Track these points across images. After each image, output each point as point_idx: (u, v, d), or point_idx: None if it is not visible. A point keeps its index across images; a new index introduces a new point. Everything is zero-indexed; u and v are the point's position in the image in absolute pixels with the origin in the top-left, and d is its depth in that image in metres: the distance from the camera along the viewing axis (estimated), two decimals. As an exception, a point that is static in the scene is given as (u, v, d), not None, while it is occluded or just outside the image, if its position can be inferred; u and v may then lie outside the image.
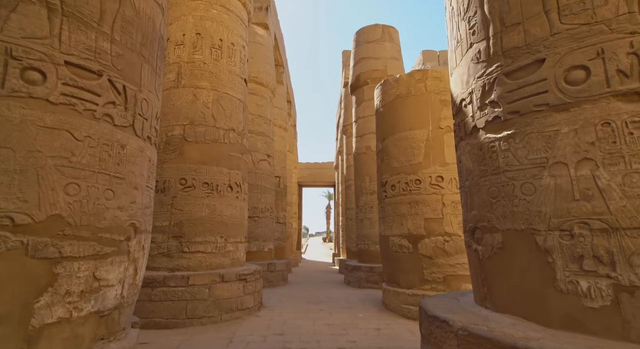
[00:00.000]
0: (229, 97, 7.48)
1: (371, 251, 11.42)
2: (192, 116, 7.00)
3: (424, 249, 6.59)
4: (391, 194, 7.28)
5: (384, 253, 7.49)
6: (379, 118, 8.00)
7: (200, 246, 6.51)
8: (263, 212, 11.72)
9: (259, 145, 12.05)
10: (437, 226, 6.60)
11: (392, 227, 7.17)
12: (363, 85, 12.68)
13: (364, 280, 10.80)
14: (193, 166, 6.78)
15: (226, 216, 6.95)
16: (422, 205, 6.77)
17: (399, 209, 7.07)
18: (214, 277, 6.20)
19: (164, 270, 6.31)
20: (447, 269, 6.41)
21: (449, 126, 7.09)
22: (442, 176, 6.81)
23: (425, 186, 6.83)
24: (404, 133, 7.25)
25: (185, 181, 6.69)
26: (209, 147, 7.00)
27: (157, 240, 6.44)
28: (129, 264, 2.92)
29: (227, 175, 7.12)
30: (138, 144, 3.05)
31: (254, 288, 6.97)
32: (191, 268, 6.37)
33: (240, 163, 7.55)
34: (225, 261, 6.81)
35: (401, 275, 6.86)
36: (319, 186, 35.64)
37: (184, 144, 6.86)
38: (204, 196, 6.73)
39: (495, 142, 2.72)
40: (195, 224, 6.56)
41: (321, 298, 8.74)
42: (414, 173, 6.97)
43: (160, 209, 6.58)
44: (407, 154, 7.14)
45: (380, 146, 7.82)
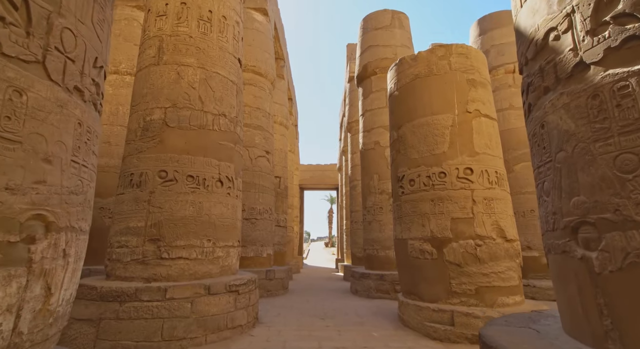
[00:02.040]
0: (220, 78, 6.42)
1: (380, 257, 10.30)
2: (175, 97, 5.94)
3: (451, 255, 5.49)
4: (409, 190, 6.19)
5: (401, 259, 6.38)
6: (394, 103, 6.92)
7: (182, 251, 5.42)
8: (261, 213, 10.63)
9: (256, 140, 10.99)
10: (466, 228, 5.50)
11: (410, 229, 6.07)
12: (371, 75, 11.63)
13: (373, 289, 9.68)
14: (175, 156, 5.71)
15: (215, 215, 5.86)
16: (447, 202, 5.68)
17: (419, 207, 5.97)
18: (197, 289, 5.11)
19: (138, 280, 5.22)
20: (480, 279, 5.31)
21: (477, 109, 6.01)
22: (471, 167, 5.73)
23: (451, 179, 5.74)
24: (424, 119, 6.18)
25: (166, 173, 5.62)
26: (195, 134, 5.93)
27: (131, 244, 5.36)
28: (31, 280, 1.84)
29: (217, 167, 6.05)
30: (54, 94, 1.98)
31: (248, 300, 5.87)
32: (171, 278, 5.28)
33: (233, 154, 6.48)
34: (213, 269, 5.72)
35: (423, 286, 5.75)
36: (321, 188, 34.53)
37: (164, 130, 5.80)
38: (188, 192, 5.65)
39: (629, 80, 1.64)
40: (177, 225, 5.48)
41: (327, 311, 7.63)
42: (438, 165, 5.88)
43: (134, 207, 5.51)
44: (428, 142, 6.06)
45: (396, 135, 6.74)
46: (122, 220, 5.57)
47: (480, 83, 6.20)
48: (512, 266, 5.48)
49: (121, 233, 5.50)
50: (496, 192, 5.72)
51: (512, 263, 5.50)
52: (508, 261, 5.46)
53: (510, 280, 5.40)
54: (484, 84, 6.26)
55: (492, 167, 5.82)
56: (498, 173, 5.86)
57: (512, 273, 5.45)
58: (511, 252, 5.53)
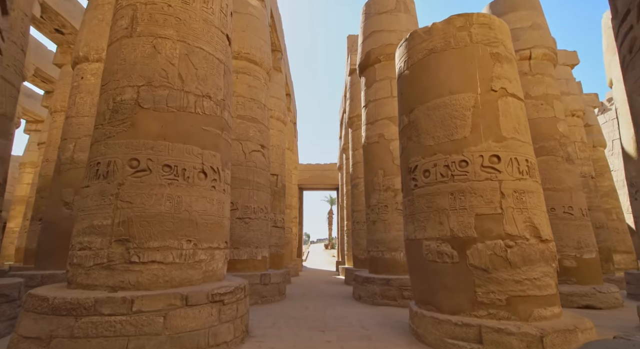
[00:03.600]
0: (204, 54, 5.56)
1: (386, 260, 9.42)
2: (150, 74, 5.08)
3: (476, 258, 4.62)
4: (424, 182, 5.32)
5: (414, 263, 5.51)
6: (404, 84, 6.06)
7: (156, 254, 4.54)
8: (256, 212, 9.75)
9: (251, 133, 10.13)
10: (494, 225, 4.64)
11: (425, 228, 5.20)
12: (374, 63, 10.77)
13: (378, 295, 8.80)
14: (149, 142, 4.85)
15: (197, 212, 5.00)
16: (470, 196, 4.81)
17: (436, 202, 5.11)
18: (172, 299, 4.23)
19: (102, 289, 4.34)
20: (512, 287, 4.44)
21: (504, 88, 5.16)
22: (497, 155, 4.87)
23: (474, 169, 4.88)
24: (441, 99, 5.32)
25: (138, 162, 4.75)
26: (174, 117, 5.07)
27: (94, 245, 4.49)
28: None
29: (199, 156, 5.19)
30: None
31: (235, 312, 4.99)
32: (142, 286, 4.41)
33: (219, 142, 5.61)
34: (194, 275, 4.84)
35: (442, 294, 4.88)
36: (321, 188, 33.65)
37: (137, 112, 4.93)
38: (165, 184, 4.78)
39: None
40: (150, 223, 4.60)
41: (327, 321, 6.75)
42: (458, 152, 5.02)
43: (100, 201, 4.64)
44: (446, 126, 5.20)
45: (406, 120, 5.88)
46: (85, 217, 4.70)
47: (506, 58, 5.35)
48: (549, 272, 4.62)
49: (84, 233, 4.63)
50: (528, 183, 4.86)
51: (549, 267, 4.64)
52: (544, 266, 4.59)
53: (547, 288, 4.53)
54: (509, 59, 5.41)
55: (522, 155, 4.96)
56: (529, 162, 5.01)
57: (548, 279, 4.58)
58: (547, 254, 4.66)
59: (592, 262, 8.92)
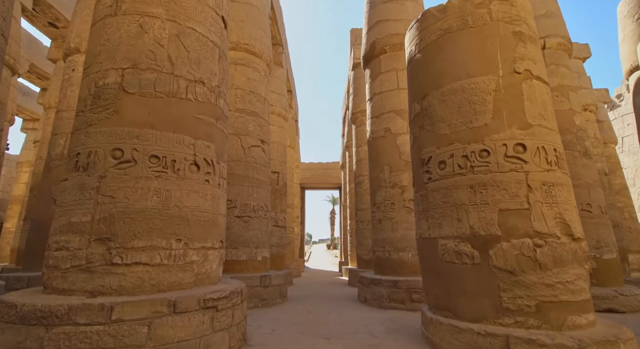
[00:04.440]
0: (196, 36, 5.08)
1: (393, 260, 8.91)
2: (136, 56, 4.59)
3: (501, 259, 4.11)
4: (439, 175, 4.82)
5: (428, 265, 5.00)
6: (415, 69, 5.56)
7: (141, 255, 4.05)
8: (256, 211, 9.26)
9: (250, 127, 9.64)
10: (520, 222, 4.13)
11: (441, 225, 4.69)
12: (380, 54, 10.26)
13: (385, 298, 8.29)
14: (135, 131, 4.36)
15: (188, 208, 4.51)
16: (493, 189, 4.30)
17: (453, 196, 4.60)
18: (158, 305, 3.73)
19: (80, 294, 3.86)
20: (542, 291, 3.92)
21: (528, 70, 4.65)
22: (523, 143, 4.35)
23: (497, 159, 4.37)
24: (457, 83, 4.81)
25: (122, 152, 4.26)
26: (162, 103, 4.58)
27: (71, 245, 4.00)
28: None
29: (191, 147, 4.70)
30: None
31: (231, 319, 4.50)
32: (125, 290, 3.92)
33: (214, 132, 5.13)
34: (184, 278, 4.35)
35: (461, 300, 4.37)
36: (323, 188, 33.14)
37: (121, 98, 4.44)
38: (152, 177, 4.29)
39: None
40: (135, 220, 4.11)
41: (332, 326, 6.25)
42: (478, 141, 4.52)
43: (79, 196, 4.16)
44: (464, 113, 4.70)
45: (418, 108, 5.38)
46: (63, 214, 4.22)
47: (529, 38, 4.84)
48: (582, 274, 4.10)
49: (61, 231, 4.14)
50: (557, 175, 4.34)
51: (582, 269, 4.12)
52: (577, 267, 4.07)
53: (580, 293, 4.02)
54: (533, 39, 4.90)
55: (549, 144, 4.44)
56: (557, 151, 4.49)
57: (582, 282, 4.07)
58: (579, 255, 4.15)
59: (613, 263, 8.39)
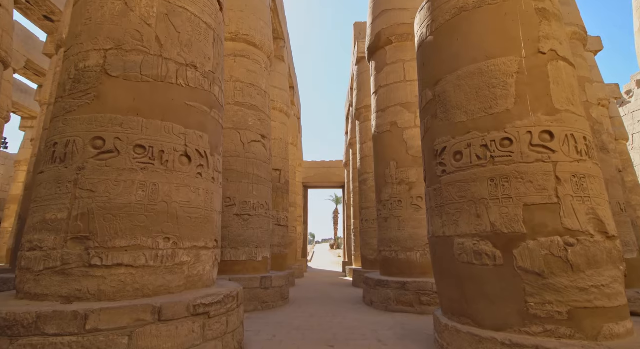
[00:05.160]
0: (188, 15, 4.65)
1: (400, 261, 8.46)
2: (121, 36, 4.16)
3: (527, 260, 3.65)
4: (454, 167, 4.37)
5: (443, 265, 4.55)
6: (427, 53, 5.11)
7: (124, 256, 3.63)
8: (256, 208, 8.83)
9: (250, 121, 9.21)
10: (549, 218, 3.67)
11: (458, 222, 4.24)
12: (385, 45, 9.81)
13: (392, 300, 7.85)
14: (118, 118, 3.93)
15: (178, 203, 4.08)
16: (517, 181, 3.85)
17: (471, 190, 4.14)
18: (141, 313, 3.31)
19: (54, 299, 3.44)
20: (575, 296, 3.47)
21: (554, 50, 4.19)
22: (550, 130, 3.89)
23: (520, 148, 3.91)
24: (475, 66, 4.36)
25: (103, 141, 3.84)
26: (149, 88, 4.16)
27: (45, 245, 3.58)
28: None
29: (182, 137, 4.27)
30: None
31: (225, 326, 4.07)
32: (105, 295, 3.49)
33: (208, 122, 4.70)
34: (173, 281, 3.92)
35: (481, 305, 3.92)
36: (326, 187, 32.69)
37: (103, 82, 4.02)
38: (137, 169, 3.87)
39: None
40: (117, 217, 3.69)
41: (337, 332, 5.81)
42: (499, 128, 4.06)
43: (55, 190, 3.74)
44: (482, 98, 4.24)
45: (430, 94, 4.93)
46: (37, 210, 3.80)
47: (554, 15, 4.38)
48: (618, 276, 3.64)
49: (35, 229, 3.72)
50: (588, 166, 3.88)
51: (617, 271, 3.66)
52: (612, 269, 3.61)
53: (617, 297, 3.56)
54: (557, 17, 4.44)
55: (579, 131, 3.98)
56: (587, 140, 4.03)
57: (618, 286, 3.61)
58: (615, 255, 3.69)
59: (634, 263, 7.90)
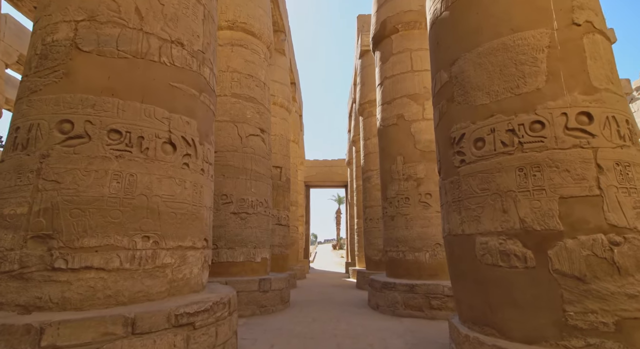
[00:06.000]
0: (174, -13, 4.14)
1: (408, 261, 7.94)
2: (94, 6, 3.65)
3: (565, 262, 3.12)
4: (475, 156, 3.84)
5: (461, 267, 4.02)
6: (441, 31, 4.59)
7: (94, 257, 3.12)
8: (254, 206, 8.32)
9: (248, 114, 8.70)
10: (590, 213, 3.14)
11: (480, 219, 3.71)
12: (391, 33, 9.29)
13: (400, 304, 7.32)
14: (90, 99, 3.42)
15: (160, 197, 3.57)
16: (551, 170, 3.31)
17: (495, 182, 3.61)
18: (109, 325, 2.79)
19: (11, 308, 2.93)
20: (623, 304, 2.93)
21: (590, 21, 3.66)
22: (588, 112, 3.36)
23: (554, 132, 3.38)
24: (498, 41, 3.83)
25: (72, 125, 3.33)
26: (127, 65, 3.65)
27: (2, 244, 3.07)
28: None
29: (165, 122, 3.76)
30: None
31: (213, 338, 3.55)
32: (71, 304, 2.98)
33: (196, 106, 4.19)
34: (154, 287, 3.41)
35: (509, 313, 3.39)
36: (329, 186, 32.15)
37: (74, 57, 3.52)
38: (110, 157, 3.36)
39: None
40: (87, 212, 3.18)
41: (341, 341, 5.29)
42: (528, 110, 3.53)
43: (14, 181, 3.23)
44: (508, 76, 3.71)
45: (446, 76, 4.40)
46: (-4, 204, 3.29)
47: (588, -18, 3.85)
48: (672, 281, 3.10)
49: (-9, 226, 3.22)
50: (632, 153, 3.35)
51: (671, 274, 3.12)
52: (666, 272, 3.08)
53: (673, 306, 3.02)
54: (592, -15, 3.90)
55: (621, 113, 3.45)
56: (630, 123, 3.50)
57: (673, 292, 3.07)
58: (667, 255, 3.15)
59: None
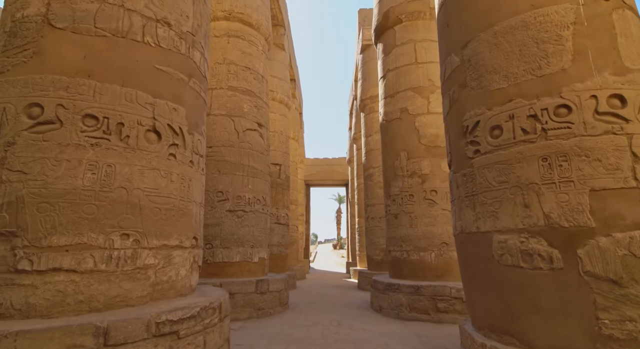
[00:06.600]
0: (160, -39, 3.77)
1: (413, 261, 7.57)
2: (70, -22, 3.30)
3: (598, 262, 2.76)
4: (492, 145, 3.47)
5: (475, 268, 3.66)
6: (452, 11, 4.22)
7: (64, 258, 2.76)
8: (251, 204, 7.96)
9: (245, 108, 8.33)
10: (626, 207, 2.77)
11: (497, 215, 3.35)
12: (394, 24, 8.92)
13: (405, 307, 6.95)
14: (63, 80, 3.06)
15: (142, 190, 3.21)
16: (580, 160, 2.95)
17: (515, 173, 3.25)
18: (76, 336, 2.43)
19: (-32, 316, 2.57)
20: (667, 312, 2.57)
21: (619, -6, 3.28)
22: (621, 94, 3.00)
23: (583, 117, 3.01)
24: (517, 18, 3.46)
25: (42, 109, 2.97)
26: (106, 45, 3.29)
27: (-41, 243, 2.72)
28: None
29: (149, 108, 3.40)
30: None
31: (201, 348, 3.18)
32: (36, 310, 2.62)
33: (185, 93, 3.83)
34: (134, 290, 3.05)
35: (532, 320, 3.03)
36: (329, 185, 31.79)
37: (46, 35, 3.16)
38: (85, 145, 3.00)
39: None
40: (57, 207, 2.82)
41: (342, 347, 4.93)
42: (552, 93, 3.16)
43: (-25, 171, 2.87)
44: (528, 56, 3.34)
45: (457, 60, 4.03)
46: (-44, 198, 2.93)
47: (617, -47, 3.48)
48: None
49: (-50, 223, 2.86)
50: (671, 140, 2.98)
51: None
52: None
53: None
54: (620, -44, 3.53)
55: (656, 96, 3.08)
56: (666, 107, 3.13)
57: None
58: None
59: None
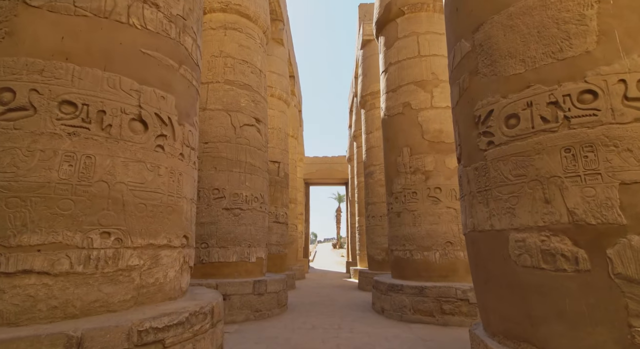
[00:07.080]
0: (148, -63, 3.49)
1: (416, 261, 7.30)
2: (47, -48, 3.01)
3: (630, 264, 2.48)
4: (507, 136, 3.19)
5: (489, 269, 3.38)
6: (461, -7, 3.94)
7: (36, 259, 2.48)
8: (249, 202, 7.68)
9: (242, 102, 8.05)
10: (661, 202, 2.50)
11: (514, 211, 3.07)
12: (396, 16, 8.64)
13: (408, 308, 6.68)
14: (38, 63, 2.78)
15: (125, 185, 2.93)
16: (607, 150, 2.67)
17: (534, 165, 2.97)
18: (46, 347, 2.15)
19: None
20: None
21: (648, -31, 3.00)
22: (653, 78, 2.72)
23: (611, 103, 2.73)
24: (534, -3, 3.18)
25: (13, 94, 2.69)
26: (87, 25, 3.00)
27: None
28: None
29: (135, 95, 3.12)
30: None
31: (191, 357, 2.91)
32: (3, 319, 2.34)
33: (175, 80, 3.55)
34: (116, 294, 2.77)
35: (555, 327, 2.75)
36: (329, 183, 31.53)
37: (19, 13, 2.87)
38: (61, 134, 2.72)
39: None
40: (28, 202, 2.54)
41: (343, 352, 4.66)
42: (575, 78, 2.88)
43: (-62, 162, 2.58)
44: (548, 38, 3.06)
45: (468, 46, 3.76)
46: None
47: None
48: None
49: None
50: None
51: None
52: None
53: None
54: None
55: (691, 80, 2.80)
56: (701, 93, 2.85)
57: None
58: None
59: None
